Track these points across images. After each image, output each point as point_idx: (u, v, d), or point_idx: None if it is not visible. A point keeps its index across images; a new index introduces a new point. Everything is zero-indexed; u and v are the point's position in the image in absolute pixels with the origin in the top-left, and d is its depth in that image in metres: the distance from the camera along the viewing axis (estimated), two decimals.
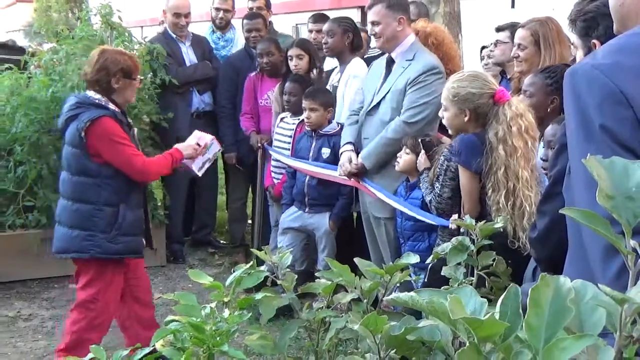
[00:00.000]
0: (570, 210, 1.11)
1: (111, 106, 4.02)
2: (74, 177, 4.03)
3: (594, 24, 2.43)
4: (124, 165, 3.99)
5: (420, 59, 4.42)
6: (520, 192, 3.31)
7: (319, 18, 6.19)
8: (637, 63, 1.36)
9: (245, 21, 6.48)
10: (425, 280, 3.53)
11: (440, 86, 4.28)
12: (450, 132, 3.84)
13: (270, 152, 5.63)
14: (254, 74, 6.04)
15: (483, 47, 6.05)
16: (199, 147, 4.44)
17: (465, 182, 3.55)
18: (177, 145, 4.42)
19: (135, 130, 4.37)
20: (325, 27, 5.39)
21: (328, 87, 5.42)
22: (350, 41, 5.35)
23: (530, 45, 4.10)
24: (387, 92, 4.47)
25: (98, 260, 4.00)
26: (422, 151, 4.07)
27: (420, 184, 4.01)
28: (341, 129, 5.05)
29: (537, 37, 4.07)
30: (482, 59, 5.85)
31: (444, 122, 3.74)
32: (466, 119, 3.57)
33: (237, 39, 6.90)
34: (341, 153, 4.72)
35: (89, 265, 4.03)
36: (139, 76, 4.15)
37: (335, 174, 4.79)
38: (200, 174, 4.62)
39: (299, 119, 5.36)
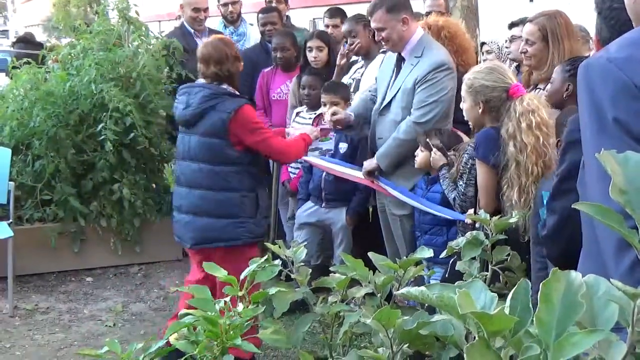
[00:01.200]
0: (583, 204, 1.11)
1: (238, 93, 4.18)
2: (216, 167, 4.11)
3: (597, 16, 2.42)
4: (266, 148, 4.14)
5: (428, 55, 4.35)
6: (530, 188, 3.31)
7: (335, 12, 6.17)
8: None
9: (260, 15, 6.49)
10: (447, 275, 3.53)
11: (450, 82, 4.26)
12: (470, 124, 3.84)
13: None
14: (267, 69, 6.03)
15: (483, 44, 6.02)
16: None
17: (482, 177, 3.54)
18: (305, 130, 4.64)
19: None
20: (345, 27, 5.35)
21: (349, 80, 5.40)
22: (373, 35, 5.34)
23: (538, 41, 4.04)
24: (398, 91, 4.43)
25: (245, 245, 4.11)
26: (434, 149, 4.05)
27: (440, 180, 4.00)
28: (358, 124, 5.05)
29: (545, 32, 4.01)
30: (482, 53, 5.82)
31: (464, 113, 3.75)
32: (480, 111, 3.58)
33: (250, 33, 6.91)
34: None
35: (235, 252, 4.07)
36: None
37: (351, 172, 4.77)
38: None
39: (315, 113, 5.35)
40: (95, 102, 5.93)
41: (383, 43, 4.50)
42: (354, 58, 5.57)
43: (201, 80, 4.21)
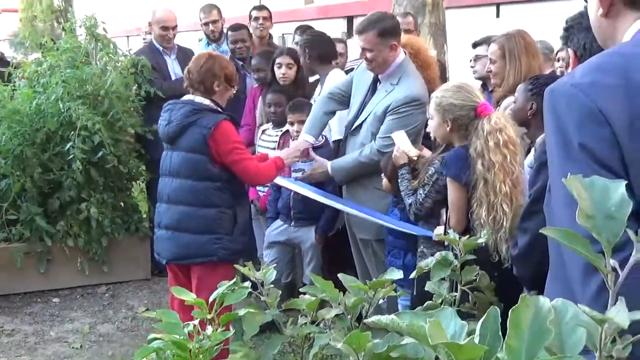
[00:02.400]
0: (550, 229, 1.12)
1: (219, 110, 4.20)
2: (197, 183, 4.12)
3: (572, 34, 2.48)
4: (238, 169, 4.14)
5: (404, 86, 4.32)
6: (498, 206, 3.33)
7: (307, 30, 6.20)
8: (614, 82, 1.38)
9: (230, 32, 6.49)
10: (414, 293, 3.53)
11: (420, 116, 4.28)
12: (437, 142, 3.85)
13: None
14: (255, 86, 6.04)
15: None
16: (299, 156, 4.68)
17: (454, 196, 3.55)
18: (279, 153, 4.63)
19: None
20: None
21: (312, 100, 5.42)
22: (317, 55, 5.38)
23: (498, 59, 4.25)
24: (369, 115, 4.44)
25: (221, 262, 4.10)
26: (398, 145, 4.02)
27: (399, 180, 3.97)
28: (326, 141, 5.05)
29: (504, 50, 4.21)
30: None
31: (430, 130, 3.75)
32: (448, 129, 3.59)
33: None
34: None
35: (211, 268, 4.09)
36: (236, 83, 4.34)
37: (318, 197, 4.76)
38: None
39: (281, 130, 5.35)
40: (63, 120, 5.87)
41: (365, 60, 4.45)
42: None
43: (189, 96, 4.23)
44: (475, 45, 5.20)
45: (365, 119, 4.46)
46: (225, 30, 6.85)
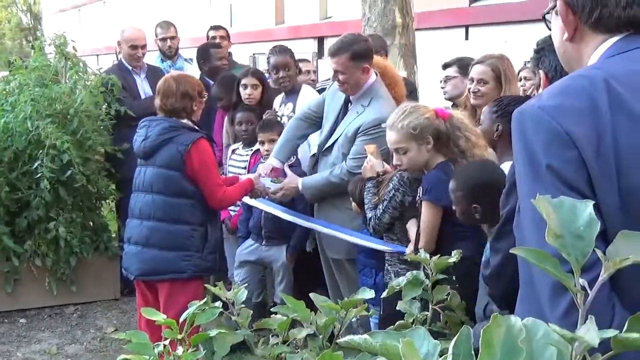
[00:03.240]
0: (520, 249, 1.13)
1: (197, 128, 4.24)
2: (170, 199, 4.15)
3: (543, 56, 2.51)
4: (207, 192, 4.17)
5: (374, 108, 4.32)
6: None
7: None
8: (580, 104, 1.40)
9: (212, 50, 6.53)
10: (381, 312, 3.54)
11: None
12: (410, 172, 3.78)
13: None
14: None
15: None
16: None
17: (430, 218, 3.54)
18: (250, 176, 4.68)
19: None
20: (276, 60, 5.44)
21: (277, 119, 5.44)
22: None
23: (491, 81, 4.25)
24: (340, 136, 4.45)
25: (190, 279, 4.12)
26: (368, 157, 4.03)
27: (365, 192, 3.97)
28: (297, 161, 5.06)
29: (499, 72, 4.23)
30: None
31: (404, 167, 3.68)
32: (429, 146, 3.57)
33: (187, 69, 6.92)
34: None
35: (180, 285, 4.11)
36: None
37: (288, 217, 4.75)
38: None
39: (252, 150, 5.36)
40: (31, 139, 5.81)
41: (337, 82, 4.46)
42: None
43: (161, 114, 4.26)
44: (445, 66, 5.24)
45: (337, 139, 4.46)
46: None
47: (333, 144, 4.49)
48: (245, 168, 5.32)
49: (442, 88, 5.28)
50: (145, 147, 4.20)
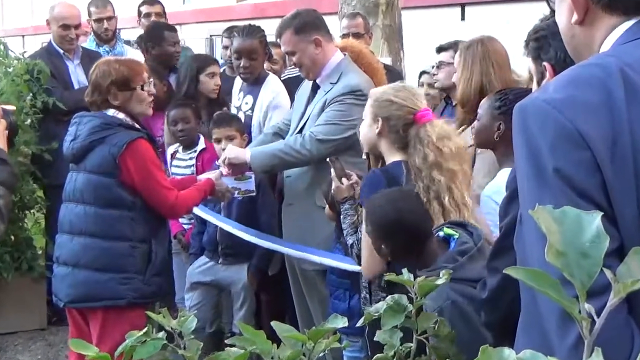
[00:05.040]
0: (516, 269, 1.13)
1: (137, 125, 4.16)
2: (103, 211, 4.08)
3: (545, 44, 2.50)
4: (156, 198, 4.11)
5: (344, 80, 4.43)
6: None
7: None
8: (592, 97, 1.39)
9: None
10: (369, 352, 3.50)
11: (360, 109, 4.30)
12: (363, 149, 3.83)
13: None
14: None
15: (422, 73, 6.17)
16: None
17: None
18: (209, 175, 4.60)
19: None
20: (241, 44, 5.32)
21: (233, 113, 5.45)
22: (269, 56, 5.45)
23: (459, 68, 4.35)
24: (307, 121, 4.49)
25: (129, 306, 4.04)
26: (333, 174, 3.98)
27: (342, 217, 3.92)
28: None
29: (462, 59, 4.32)
30: (420, 85, 5.97)
31: (360, 135, 3.75)
32: (377, 130, 3.56)
33: (128, 53, 6.88)
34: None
35: (117, 314, 4.05)
36: (144, 81, 4.21)
37: (245, 236, 4.74)
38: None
39: (195, 151, 5.36)
40: None
41: (298, 69, 4.56)
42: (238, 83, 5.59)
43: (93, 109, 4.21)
44: (440, 49, 5.28)
45: (303, 126, 4.50)
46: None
47: (301, 129, 4.52)
48: (192, 174, 5.27)
49: (434, 75, 5.31)
50: (74, 149, 4.14)
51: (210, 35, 16.80)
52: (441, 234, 3.12)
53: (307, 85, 4.78)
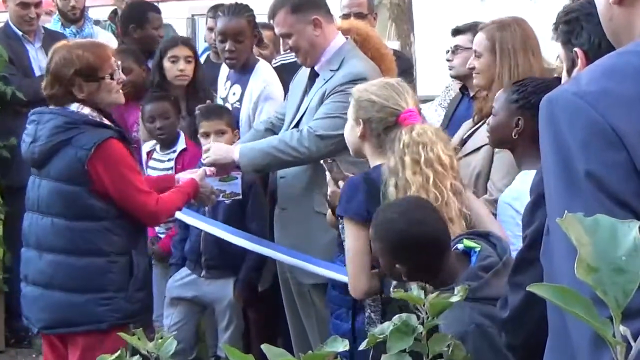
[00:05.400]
0: (540, 286, 1.13)
1: (106, 121, 4.11)
2: (74, 223, 4.05)
3: (577, 27, 2.50)
4: (133, 205, 4.08)
5: (346, 67, 4.42)
6: None
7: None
8: (630, 90, 1.40)
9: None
10: None
11: None
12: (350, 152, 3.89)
13: None
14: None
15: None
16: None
17: (351, 240, 3.58)
18: (191, 175, 4.56)
19: None
20: (225, 24, 5.29)
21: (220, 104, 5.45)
22: (259, 39, 5.44)
23: (485, 53, 4.26)
24: (304, 114, 4.49)
25: (112, 329, 3.96)
26: (329, 178, 4.00)
27: (339, 226, 3.94)
28: None
29: (494, 42, 4.22)
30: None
31: (345, 136, 3.83)
32: (359, 133, 3.63)
33: (98, 35, 6.89)
34: None
35: (99, 338, 4.03)
36: (113, 68, 4.14)
37: (236, 239, 4.74)
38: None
39: (175, 151, 5.35)
40: None
41: (295, 56, 4.55)
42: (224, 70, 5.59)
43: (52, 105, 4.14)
44: (456, 32, 5.26)
45: (300, 119, 4.49)
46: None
47: (297, 124, 4.51)
48: None
49: (449, 61, 5.30)
50: (34, 153, 4.09)
51: (192, 15, 16.76)
52: (460, 246, 3.11)
53: (303, 74, 4.77)
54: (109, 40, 6.57)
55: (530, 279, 2.30)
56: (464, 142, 4.33)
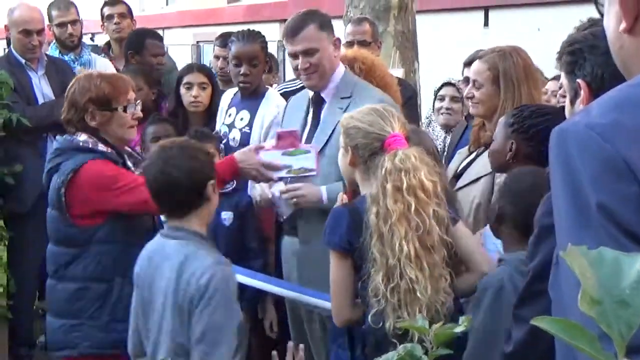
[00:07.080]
0: (543, 320, 1.12)
1: (101, 147, 4.08)
2: (54, 248, 4.15)
3: (581, 58, 2.49)
4: (133, 205, 3.98)
5: (364, 95, 4.36)
6: (404, 272, 3.30)
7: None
8: None
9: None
10: None
11: None
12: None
13: None
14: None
15: (445, 84, 6.12)
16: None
17: (334, 271, 3.60)
18: (236, 154, 4.27)
19: None
20: (240, 49, 5.27)
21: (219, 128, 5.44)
22: (270, 67, 5.44)
23: (487, 83, 4.23)
24: (330, 138, 4.38)
25: (83, 358, 4.07)
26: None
27: None
28: (244, 183, 4.99)
29: (497, 73, 4.19)
30: (440, 99, 5.96)
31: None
32: (348, 160, 3.66)
33: (96, 61, 6.90)
34: None
35: None
36: (129, 101, 4.15)
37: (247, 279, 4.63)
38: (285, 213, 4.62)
39: None
40: None
41: (304, 75, 4.48)
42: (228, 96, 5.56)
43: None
44: (467, 64, 5.27)
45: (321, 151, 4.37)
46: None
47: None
48: None
49: (459, 89, 5.30)
50: (44, 179, 4.23)
51: (197, 42, 16.81)
52: None
53: (301, 98, 4.75)
54: (106, 66, 6.58)
55: (534, 313, 2.29)
56: (460, 171, 4.33)
